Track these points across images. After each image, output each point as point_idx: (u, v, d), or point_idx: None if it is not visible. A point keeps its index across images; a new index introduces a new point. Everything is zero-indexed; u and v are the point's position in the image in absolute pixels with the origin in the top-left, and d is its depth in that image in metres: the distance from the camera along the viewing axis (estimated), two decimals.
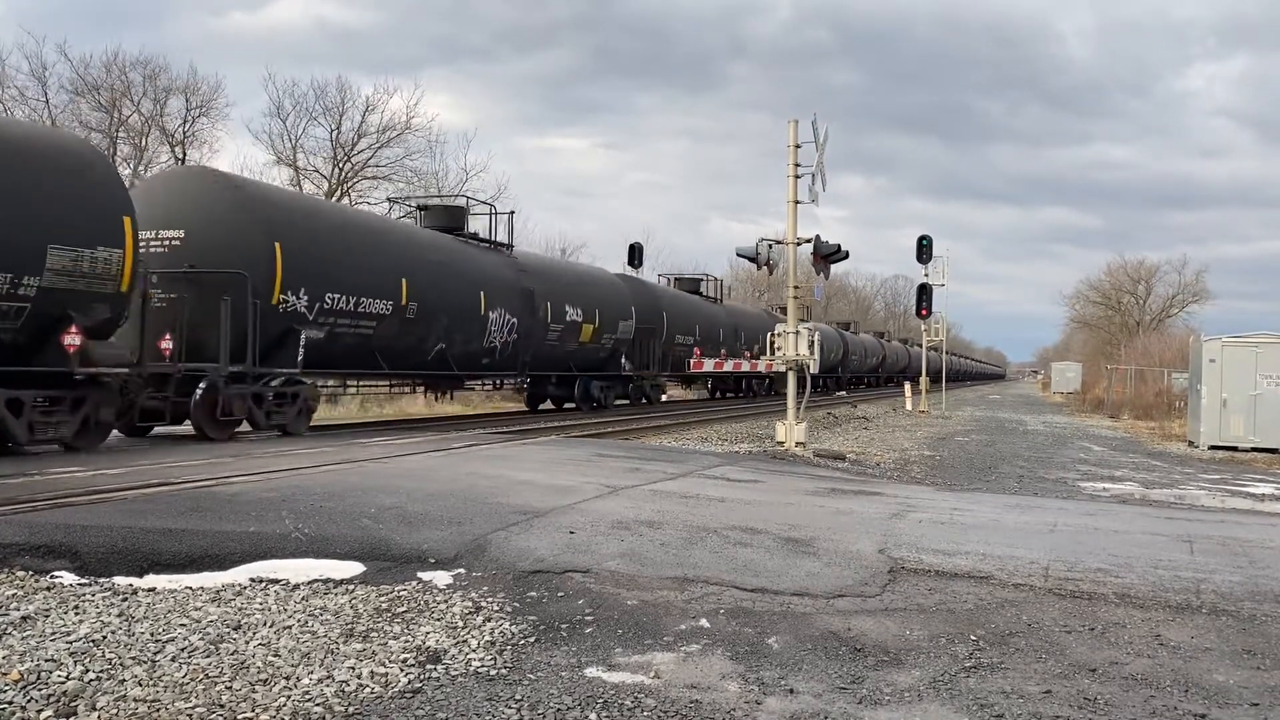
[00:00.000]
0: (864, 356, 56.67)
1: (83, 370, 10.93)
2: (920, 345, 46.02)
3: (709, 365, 27.51)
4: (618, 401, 26.58)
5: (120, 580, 5.58)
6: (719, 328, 33.12)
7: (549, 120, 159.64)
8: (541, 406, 26.09)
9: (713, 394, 38.49)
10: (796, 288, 15.93)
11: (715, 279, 37.22)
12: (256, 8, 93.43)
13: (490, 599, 5.40)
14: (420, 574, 5.85)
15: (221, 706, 3.81)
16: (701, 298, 34.22)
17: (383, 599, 5.37)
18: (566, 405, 25.72)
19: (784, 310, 17.43)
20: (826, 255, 15.65)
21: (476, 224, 21.33)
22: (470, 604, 5.29)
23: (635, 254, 30.40)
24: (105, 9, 72.91)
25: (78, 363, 10.80)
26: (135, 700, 3.83)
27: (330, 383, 19.38)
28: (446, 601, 5.34)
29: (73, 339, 10.74)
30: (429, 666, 4.35)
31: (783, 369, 15.90)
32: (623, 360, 25.95)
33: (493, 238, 21.36)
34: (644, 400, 28.08)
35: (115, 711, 3.73)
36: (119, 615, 4.88)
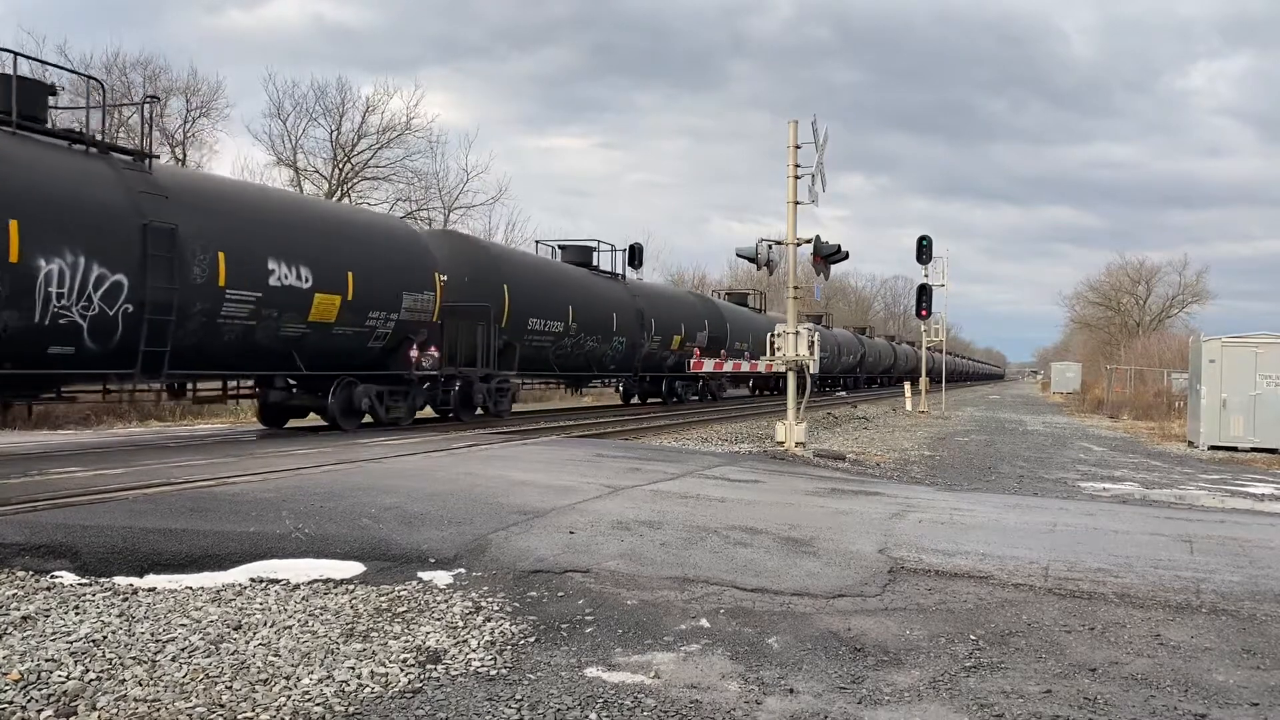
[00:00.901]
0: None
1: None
2: (920, 346, 46.12)
3: (709, 365, 27.81)
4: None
5: (121, 580, 5.58)
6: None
7: (548, 119, 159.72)
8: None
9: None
10: (796, 288, 15.93)
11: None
12: (254, 6, 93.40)
13: (490, 599, 5.40)
14: (420, 574, 5.85)
15: (222, 706, 3.81)
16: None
17: (383, 599, 5.37)
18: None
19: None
20: (826, 256, 15.65)
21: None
22: (470, 604, 5.30)
23: (635, 255, 30.32)
24: (103, 6, 72.91)
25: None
26: (135, 700, 3.84)
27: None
28: (446, 601, 5.34)
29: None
30: (429, 666, 4.35)
31: (782, 369, 15.89)
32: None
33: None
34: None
35: (115, 711, 3.73)
36: (119, 615, 4.88)
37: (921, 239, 26.92)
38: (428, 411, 18.05)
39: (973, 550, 6.96)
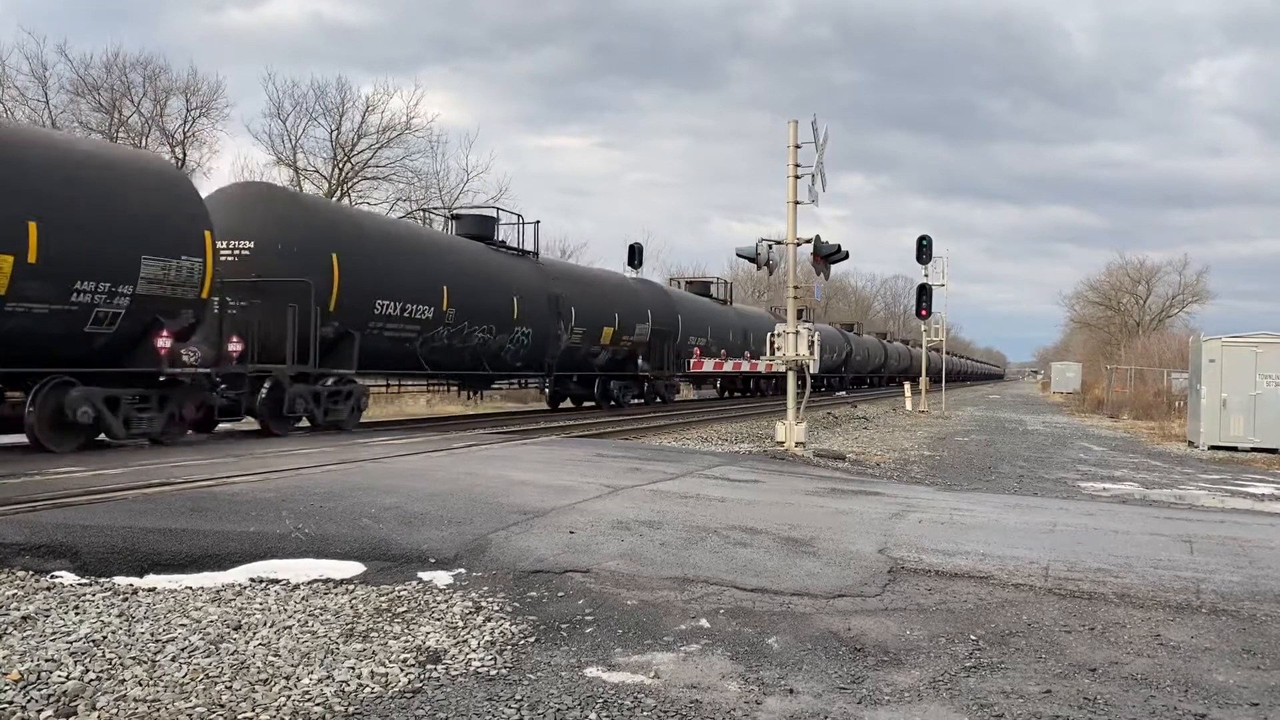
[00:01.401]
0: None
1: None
2: (920, 346, 46.11)
3: (709, 365, 27.73)
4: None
5: (120, 580, 5.58)
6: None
7: (548, 119, 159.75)
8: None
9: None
10: (796, 288, 15.93)
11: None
12: (254, 5, 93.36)
13: (490, 599, 5.40)
14: (420, 574, 5.85)
15: (221, 706, 3.81)
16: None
17: (383, 599, 5.37)
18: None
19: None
20: (826, 255, 15.65)
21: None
22: (470, 604, 5.30)
23: (635, 254, 30.36)
24: (102, 5, 72.87)
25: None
26: (135, 700, 3.84)
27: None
28: (447, 601, 5.34)
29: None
30: (429, 666, 4.35)
31: (782, 369, 15.89)
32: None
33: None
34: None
35: (115, 711, 3.73)
36: (119, 615, 4.88)
37: (921, 239, 26.94)
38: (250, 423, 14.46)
39: (973, 550, 6.96)
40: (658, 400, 28.82)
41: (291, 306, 14.19)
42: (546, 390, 26.61)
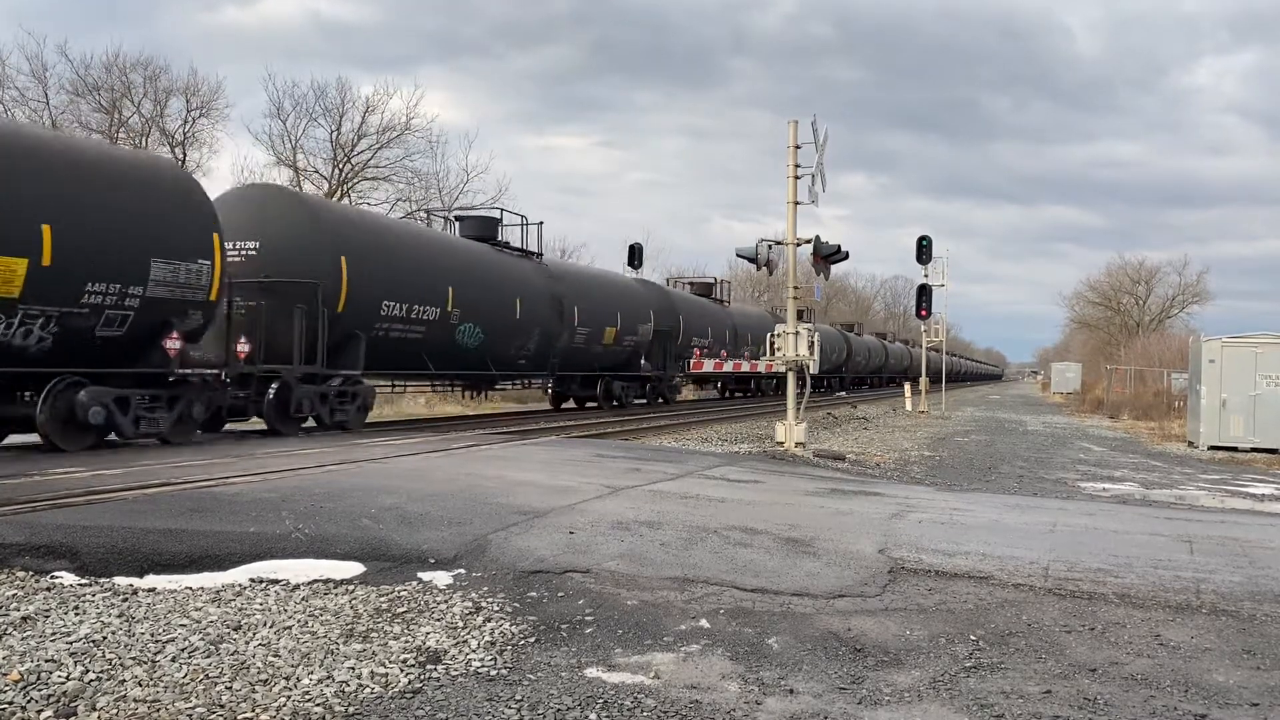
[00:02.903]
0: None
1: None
2: (920, 346, 46.14)
3: (709, 365, 27.79)
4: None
5: (120, 580, 5.58)
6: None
7: (547, 118, 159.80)
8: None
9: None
10: (796, 288, 15.93)
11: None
12: (250, 2, 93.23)
13: (490, 599, 5.40)
14: (420, 574, 5.85)
15: (221, 707, 3.81)
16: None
17: (383, 599, 5.37)
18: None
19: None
20: (826, 256, 15.65)
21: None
22: (470, 604, 5.30)
23: (635, 254, 30.37)
24: (98, 3, 72.77)
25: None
26: (135, 700, 3.83)
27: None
28: (446, 602, 5.34)
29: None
30: (429, 667, 4.35)
31: (782, 369, 15.89)
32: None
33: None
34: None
35: (115, 712, 3.73)
36: (119, 615, 4.88)
37: (921, 239, 26.94)
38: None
39: (973, 550, 6.96)
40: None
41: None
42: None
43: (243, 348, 13.53)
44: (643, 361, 27.20)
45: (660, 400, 28.96)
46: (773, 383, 39.26)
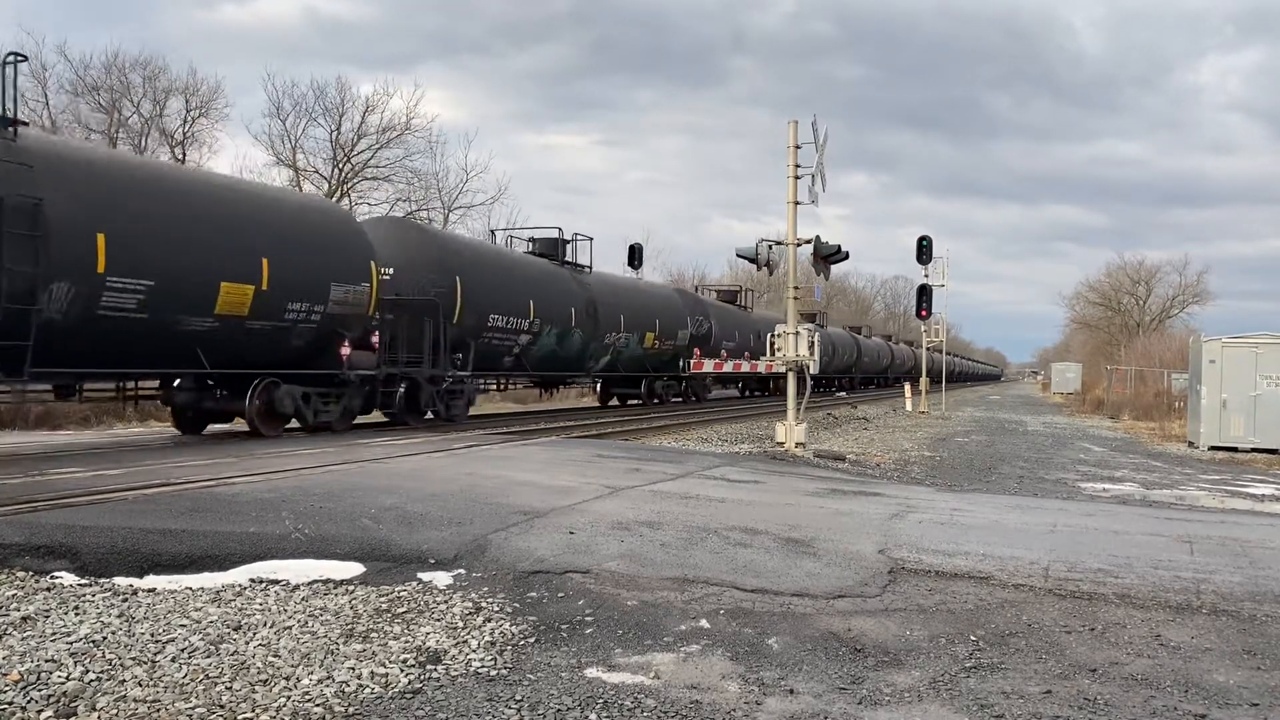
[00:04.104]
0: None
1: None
2: (921, 347, 46.18)
3: (709, 365, 28.21)
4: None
5: (120, 581, 5.58)
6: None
7: (547, 117, 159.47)
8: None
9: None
10: (796, 289, 15.92)
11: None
12: (248, 0, 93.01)
13: (490, 599, 5.40)
14: (420, 574, 5.85)
15: (221, 707, 3.81)
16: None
17: (383, 599, 5.37)
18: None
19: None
20: (827, 256, 15.64)
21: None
22: (470, 604, 5.30)
23: (635, 254, 30.33)
24: (96, 2, 72.63)
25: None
26: (135, 700, 3.84)
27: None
28: (446, 602, 5.34)
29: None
30: (429, 667, 4.35)
31: (782, 370, 15.89)
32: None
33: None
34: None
35: (115, 712, 3.73)
36: (119, 616, 4.88)
37: (921, 239, 26.89)
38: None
39: (973, 551, 6.96)
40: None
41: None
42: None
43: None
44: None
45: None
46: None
